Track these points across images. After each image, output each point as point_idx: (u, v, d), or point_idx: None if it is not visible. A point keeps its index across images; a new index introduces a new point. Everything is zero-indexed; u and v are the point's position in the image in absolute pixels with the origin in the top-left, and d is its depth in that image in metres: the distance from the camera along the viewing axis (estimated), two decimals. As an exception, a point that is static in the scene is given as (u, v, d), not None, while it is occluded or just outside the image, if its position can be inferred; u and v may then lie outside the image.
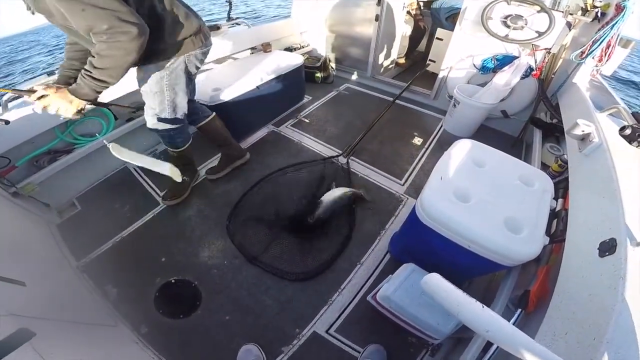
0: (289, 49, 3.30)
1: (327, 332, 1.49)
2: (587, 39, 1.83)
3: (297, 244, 1.84)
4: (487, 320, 0.66)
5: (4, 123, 1.68)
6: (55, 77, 1.78)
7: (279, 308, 1.58)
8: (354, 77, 3.59)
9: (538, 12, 2.10)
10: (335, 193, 1.96)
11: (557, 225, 1.14)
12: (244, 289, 1.65)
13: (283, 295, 1.63)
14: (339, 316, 1.55)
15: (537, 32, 2.14)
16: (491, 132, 2.77)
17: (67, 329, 1.21)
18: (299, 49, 3.44)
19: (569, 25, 2.03)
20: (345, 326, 1.51)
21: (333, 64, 3.57)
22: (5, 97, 1.79)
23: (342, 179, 2.20)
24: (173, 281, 1.71)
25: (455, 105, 2.50)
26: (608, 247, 0.81)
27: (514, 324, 1.04)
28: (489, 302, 1.26)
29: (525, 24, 2.16)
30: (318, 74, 3.37)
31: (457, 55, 2.65)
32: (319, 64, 3.34)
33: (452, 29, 2.65)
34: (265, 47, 2.82)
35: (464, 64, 2.63)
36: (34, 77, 2.16)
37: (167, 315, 1.58)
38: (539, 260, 1.18)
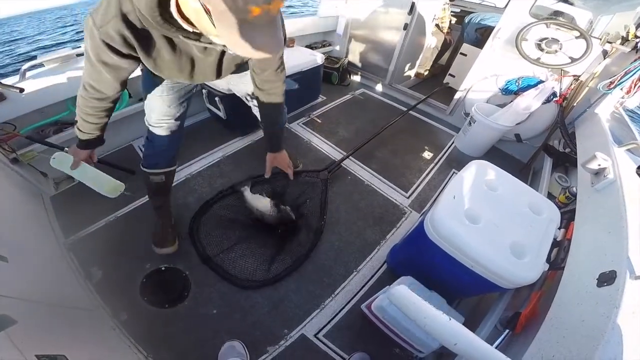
0: (311, 47, 3.38)
1: (315, 336, 1.54)
2: (619, 69, 1.87)
3: (258, 251, 1.85)
4: (455, 333, 0.70)
5: (18, 91, 1.76)
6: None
7: (269, 307, 1.62)
8: (372, 82, 3.67)
9: (576, 37, 2.14)
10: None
11: (558, 254, 1.20)
12: (235, 285, 1.69)
13: (275, 295, 1.67)
14: (329, 321, 1.59)
15: (570, 57, 2.19)
16: (501, 154, 2.84)
17: (43, 311, 1.21)
18: (320, 47, 3.51)
19: (605, 53, 2.08)
20: (334, 332, 1.56)
21: (352, 67, 3.64)
22: (25, 67, 1.88)
23: (318, 195, 2.15)
24: (163, 268, 1.74)
25: (470, 124, 2.56)
26: (607, 278, 0.87)
27: (500, 344, 1.10)
28: (477, 320, 1.34)
29: (560, 49, 2.21)
30: (335, 75, 3.44)
31: (481, 73, 2.71)
32: (337, 66, 3.42)
33: (478, 45, 2.71)
34: (289, 42, 2.90)
35: (486, 82, 2.70)
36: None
37: (151, 304, 1.60)
38: (534, 285, 1.24)
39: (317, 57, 2.75)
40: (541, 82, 2.39)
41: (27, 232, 1.69)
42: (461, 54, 3.57)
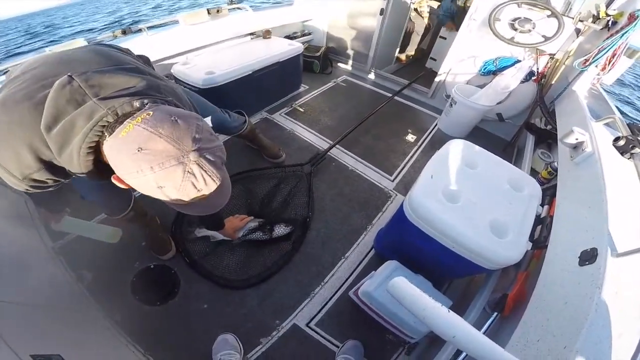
0: (290, 37, 3.24)
1: (307, 325, 1.49)
2: (592, 47, 1.82)
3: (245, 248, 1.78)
4: (454, 326, 0.66)
5: None
6: None
7: (259, 299, 1.58)
8: (353, 69, 3.55)
9: (548, 16, 2.08)
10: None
11: (541, 232, 1.15)
12: (224, 279, 1.63)
13: (264, 286, 1.62)
14: (320, 310, 1.55)
15: (543, 36, 2.13)
16: (484, 134, 2.78)
17: (37, 312, 1.17)
18: (300, 37, 3.38)
19: (577, 31, 2.04)
20: (326, 320, 1.52)
21: (332, 55, 3.52)
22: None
23: (303, 189, 2.07)
24: (152, 266, 1.69)
25: (452, 105, 2.50)
26: (589, 257, 0.82)
27: (489, 327, 1.05)
28: (466, 303, 1.29)
29: (533, 28, 2.15)
30: (317, 64, 3.32)
31: (459, 55, 2.64)
32: (318, 54, 3.29)
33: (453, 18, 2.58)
34: (265, 34, 2.76)
35: (465, 64, 2.63)
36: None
37: (143, 302, 1.56)
38: (520, 265, 1.20)
39: (294, 47, 2.62)
40: (518, 61, 2.33)
41: (14, 237, 1.60)
42: (441, 37, 3.48)
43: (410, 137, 2.64)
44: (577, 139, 1.34)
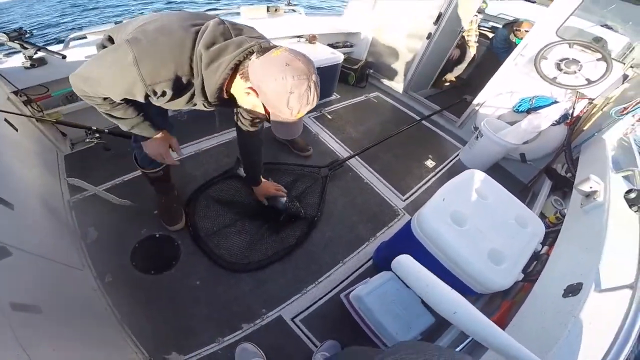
0: (332, 46, 3.39)
1: (292, 319, 1.56)
2: (636, 95, 1.81)
3: (251, 233, 1.88)
4: (455, 303, 0.72)
5: (61, 57, 1.91)
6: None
7: (253, 285, 1.66)
8: (387, 87, 3.66)
9: (598, 60, 2.08)
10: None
11: (535, 266, 1.19)
12: (224, 259, 1.72)
13: (261, 274, 1.71)
14: (308, 307, 1.62)
15: (587, 79, 2.12)
16: (503, 173, 2.78)
17: (31, 261, 1.23)
18: (342, 47, 3.54)
19: (624, 78, 2.03)
20: (311, 318, 1.58)
21: (370, 70, 3.64)
22: (70, 36, 2.05)
23: (316, 191, 2.19)
24: (157, 235, 1.79)
25: (477, 138, 2.54)
26: (573, 290, 0.86)
27: (463, 349, 1.09)
28: (448, 323, 1.32)
29: (579, 70, 2.15)
30: (352, 76, 3.45)
31: (497, 89, 2.67)
32: (356, 67, 3.43)
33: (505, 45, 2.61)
34: (311, 39, 2.93)
35: (500, 98, 2.65)
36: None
37: (138, 269, 1.65)
38: (507, 294, 1.24)
39: (336, 56, 2.78)
40: (555, 102, 2.33)
41: (37, 185, 1.76)
42: (483, 68, 3.53)
43: (430, 163, 2.70)
44: (591, 188, 1.37)
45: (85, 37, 2.14)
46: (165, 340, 1.43)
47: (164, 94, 0.96)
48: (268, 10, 2.73)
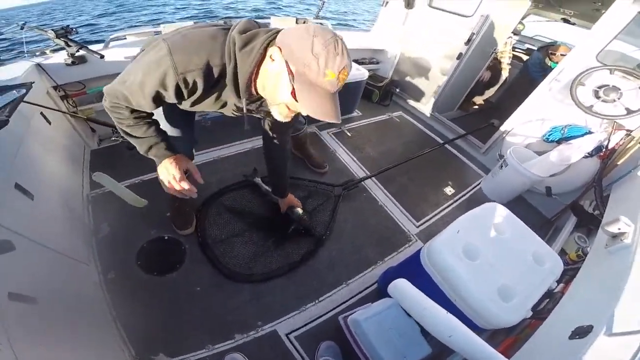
0: (358, 62, 3.43)
1: (287, 335, 1.53)
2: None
3: (258, 244, 1.89)
4: (450, 326, 0.69)
5: (99, 57, 2.04)
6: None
7: (252, 296, 1.65)
8: (412, 108, 3.61)
9: None
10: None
11: (547, 304, 1.11)
12: (227, 268, 1.73)
13: (262, 286, 1.70)
14: (305, 325, 1.58)
15: (627, 109, 1.99)
16: (525, 205, 2.62)
17: (38, 252, 1.27)
18: (367, 64, 3.56)
19: None
20: (306, 337, 1.54)
21: (395, 88, 3.63)
22: (111, 37, 2.19)
23: (328, 209, 2.17)
24: (166, 238, 1.84)
25: (502, 167, 2.43)
26: (582, 332, 0.80)
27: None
28: (445, 356, 1.30)
29: (618, 98, 2.02)
30: (376, 94, 3.46)
31: (527, 115, 2.55)
32: (381, 84, 3.43)
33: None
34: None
35: (530, 126, 2.54)
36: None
37: (142, 268, 1.69)
38: (511, 331, 1.16)
39: (361, 72, 2.79)
40: (589, 133, 2.18)
41: (60, 177, 1.87)
42: (514, 92, 3.42)
43: (449, 190, 2.61)
44: (619, 229, 1.27)
45: (125, 38, 2.28)
46: (155, 342, 1.44)
47: (194, 86, 0.97)
48: (297, 22, 2.81)
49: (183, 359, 1.40)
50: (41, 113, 1.85)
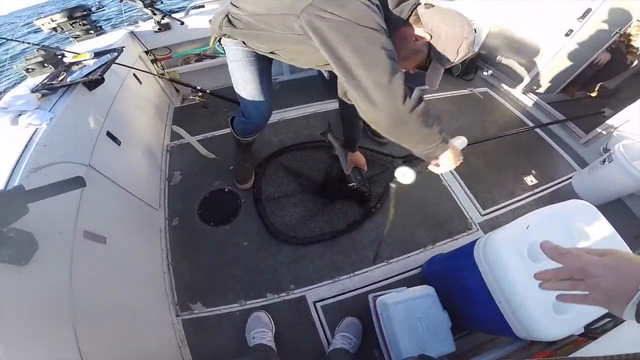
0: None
1: (315, 302, 1.54)
2: None
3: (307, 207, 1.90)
4: None
5: (180, 23, 2.24)
6: None
7: (291, 259, 1.68)
8: (501, 84, 3.12)
9: None
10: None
11: (606, 324, 0.88)
12: (274, 227, 1.78)
13: (302, 250, 1.72)
14: (335, 296, 1.57)
15: None
16: (623, 210, 2.09)
17: (115, 192, 1.44)
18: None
19: None
20: (332, 308, 1.53)
21: (482, 63, 3.18)
22: (191, 5, 2.37)
23: (384, 180, 2.06)
24: (226, 190, 1.97)
25: (604, 162, 1.96)
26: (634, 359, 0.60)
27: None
28: (468, 357, 1.18)
29: None
30: (458, 66, 3.07)
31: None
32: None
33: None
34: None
35: (652, 117, 2.00)
36: None
37: (201, 218, 1.84)
38: (551, 343, 0.95)
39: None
40: None
41: (146, 129, 2.12)
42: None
43: (530, 180, 2.21)
44: None
45: (203, 6, 2.41)
46: (196, 291, 1.58)
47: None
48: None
49: (216, 309, 1.51)
50: (134, 74, 2.08)
